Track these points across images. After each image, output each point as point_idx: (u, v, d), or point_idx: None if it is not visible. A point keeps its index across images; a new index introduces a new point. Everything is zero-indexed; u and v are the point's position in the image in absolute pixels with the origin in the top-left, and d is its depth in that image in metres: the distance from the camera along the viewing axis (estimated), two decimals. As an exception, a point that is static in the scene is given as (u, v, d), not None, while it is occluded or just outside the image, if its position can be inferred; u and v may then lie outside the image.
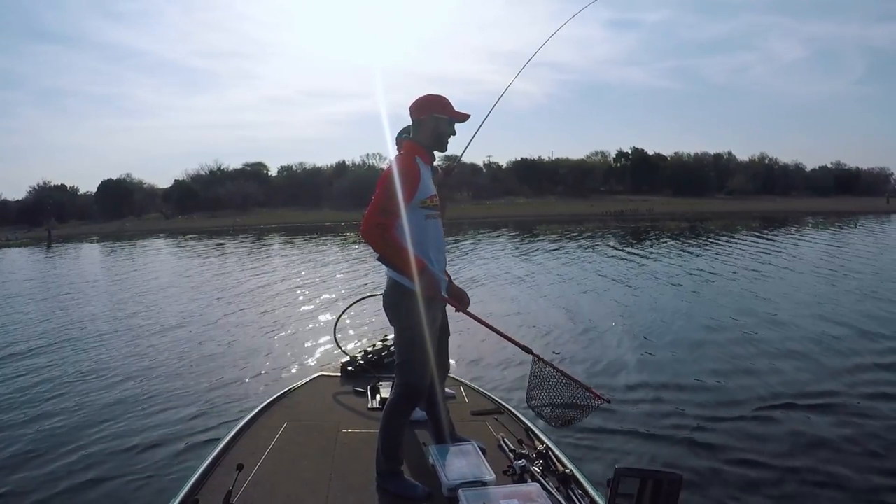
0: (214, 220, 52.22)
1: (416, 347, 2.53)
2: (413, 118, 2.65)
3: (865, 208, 45.96)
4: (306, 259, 19.27)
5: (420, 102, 2.63)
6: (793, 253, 17.37)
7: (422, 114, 2.61)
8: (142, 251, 26.11)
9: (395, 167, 2.50)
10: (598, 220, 37.75)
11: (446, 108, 2.63)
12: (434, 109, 2.61)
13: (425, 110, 2.61)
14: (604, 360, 6.52)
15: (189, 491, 2.49)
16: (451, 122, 2.66)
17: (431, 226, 2.58)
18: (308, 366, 6.47)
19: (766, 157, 71.29)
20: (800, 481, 3.80)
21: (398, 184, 2.45)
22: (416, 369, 2.54)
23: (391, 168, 2.52)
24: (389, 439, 2.59)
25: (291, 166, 69.56)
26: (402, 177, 2.47)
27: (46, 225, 44.76)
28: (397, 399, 2.61)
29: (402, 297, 2.52)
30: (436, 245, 2.61)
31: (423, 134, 2.63)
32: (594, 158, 71.65)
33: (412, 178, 2.49)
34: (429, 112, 2.61)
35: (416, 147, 2.61)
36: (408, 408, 2.61)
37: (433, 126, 2.61)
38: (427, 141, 2.63)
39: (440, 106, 2.62)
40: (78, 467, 4.18)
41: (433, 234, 2.60)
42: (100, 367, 6.74)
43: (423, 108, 2.62)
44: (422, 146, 2.62)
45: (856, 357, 6.43)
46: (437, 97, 2.65)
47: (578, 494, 2.38)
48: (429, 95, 2.65)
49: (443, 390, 2.90)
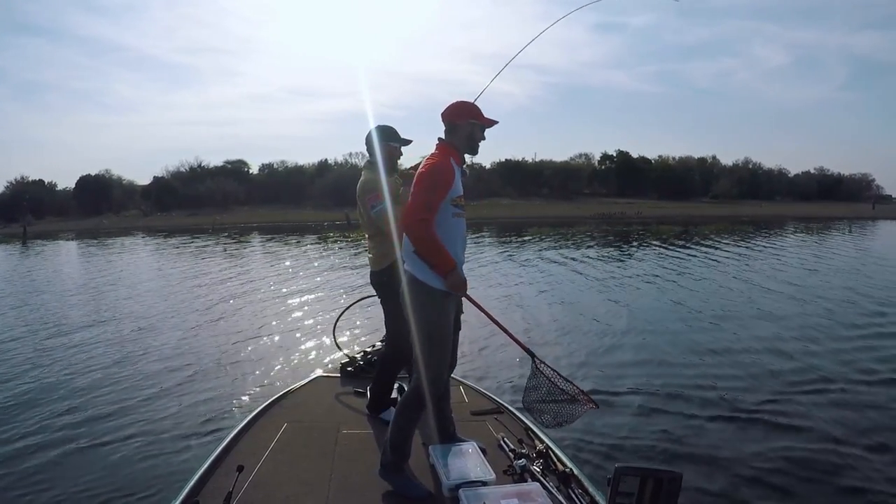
0: (194, 217, 51.32)
1: (434, 344, 2.61)
2: (447, 122, 2.79)
3: (852, 214, 46.63)
4: (296, 259, 19.08)
5: (457, 108, 2.79)
6: (802, 255, 17.92)
7: (459, 119, 2.77)
8: (122, 250, 25.59)
9: (433, 166, 2.63)
10: (588, 223, 37.84)
11: (480, 116, 2.80)
12: (470, 116, 2.78)
13: (463, 116, 2.77)
14: (607, 361, 6.66)
15: (189, 492, 2.50)
16: (483, 127, 2.83)
17: (458, 224, 2.71)
18: (307, 367, 6.46)
19: (751, 162, 72.05)
20: (801, 477, 3.89)
21: (437, 183, 2.59)
22: (432, 365, 2.62)
23: (429, 167, 2.64)
24: (400, 431, 2.66)
25: (273, 164, 68.51)
26: (440, 175, 2.61)
27: (22, 221, 43.56)
28: (411, 395, 2.68)
29: (422, 293, 2.62)
30: (461, 243, 2.74)
31: (458, 137, 2.78)
32: (578, 161, 71.92)
33: (448, 177, 2.63)
34: (466, 118, 2.77)
35: (451, 149, 2.76)
36: (421, 403, 2.68)
37: (469, 131, 2.78)
38: (462, 144, 2.78)
39: (476, 112, 2.80)
40: (77, 469, 4.14)
41: (459, 231, 2.72)
42: (96, 369, 6.65)
43: (461, 114, 2.78)
44: (456, 149, 2.77)
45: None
46: (472, 105, 2.83)
47: (578, 493, 2.42)
48: (465, 102, 2.84)
49: (447, 386, 2.95)
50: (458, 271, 2.62)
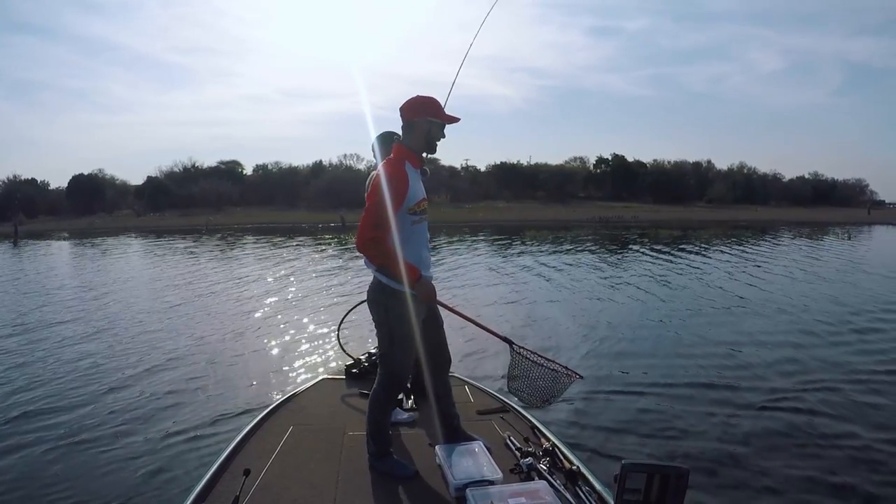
0: (187, 218, 51.03)
1: (395, 342, 2.67)
2: (405, 120, 2.64)
3: (849, 219, 46.76)
4: (294, 261, 19.01)
5: (414, 104, 2.62)
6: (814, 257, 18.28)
7: (415, 116, 2.61)
8: (116, 251, 25.43)
9: (383, 176, 2.54)
10: (586, 227, 37.84)
11: (438, 112, 2.64)
12: (428, 112, 2.62)
13: (420, 112, 2.61)
14: (615, 358, 6.75)
15: (196, 497, 2.49)
16: (442, 125, 2.67)
17: (418, 230, 2.67)
18: (312, 369, 6.46)
19: (746, 166, 72.27)
20: (808, 475, 3.91)
21: (387, 194, 2.49)
22: (394, 361, 2.70)
23: (380, 177, 2.55)
24: (375, 423, 2.78)
25: (267, 165, 68.31)
26: (391, 185, 2.51)
27: (14, 220, 43.20)
28: (378, 388, 2.76)
29: (385, 295, 2.66)
30: (423, 248, 2.72)
31: (414, 137, 2.64)
32: (573, 164, 72.05)
33: (401, 187, 2.54)
34: (423, 115, 2.61)
35: (407, 151, 2.63)
36: (389, 396, 2.78)
37: (426, 129, 2.62)
38: (418, 144, 2.64)
39: (434, 109, 2.64)
40: (81, 474, 4.12)
41: (421, 237, 2.69)
42: (99, 374, 6.60)
43: (418, 110, 2.61)
44: (412, 150, 2.64)
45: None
46: (431, 99, 2.65)
47: (586, 491, 2.43)
48: (422, 97, 2.65)
49: (445, 383, 2.98)
50: (424, 280, 2.58)
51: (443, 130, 2.67)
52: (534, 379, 2.69)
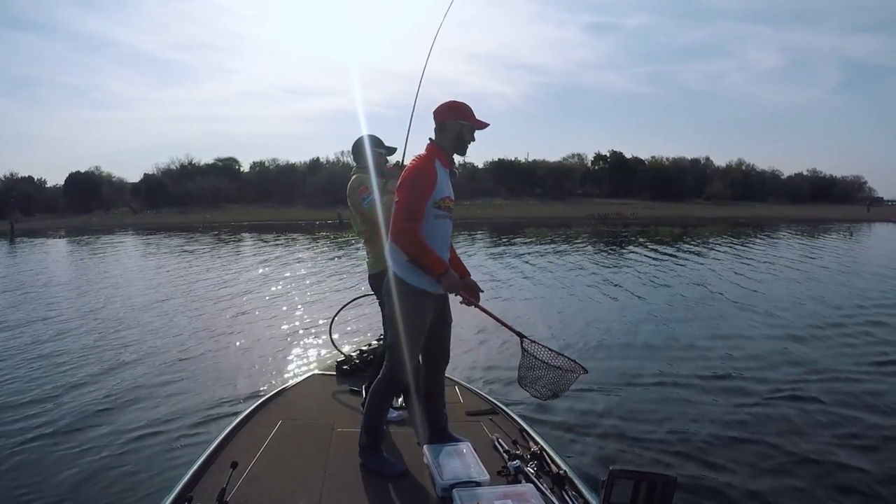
0: (184, 215, 51.00)
1: (404, 336, 2.69)
2: (437, 122, 2.76)
3: (848, 217, 46.80)
4: (289, 258, 19.01)
5: (447, 107, 2.75)
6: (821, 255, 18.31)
7: (448, 118, 2.74)
8: (112, 248, 25.40)
9: (414, 170, 2.64)
10: (585, 224, 37.81)
11: (470, 117, 2.76)
12: (460, 116, 2.74)
13: (452, 116, 2.74)
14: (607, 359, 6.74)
15: (183, 488, 2.50)
16: (472, 129, 2.79)
17: (440, 225, 2.73)
18: (303, 364, 6.46)
19: (744, 164, 72.52)
20: (796, 485, 3.85)
21: (417, 187, 2.59)
22: (400, 357, 2.72)
23: (410, 171, 2.65)
24: (372, 416, 2.80)
25: (264, 162, 68.34)
26: (420, 180, 2.61)
27: (10, 218, 43.06)
28: (381, 380, 2.79)
29: (403, 293, 2.68)
30: (444, 243, 2.77)
31: (446, 138, 2.75)
32: (571, 161, 72.08)
33: (428, 181, 2.63)
34: (455, 118, 2.73)
35: (438, 150, 2.74)
36: (390, 389, 2.80)
37: (457, 132, 2.75)
38: (448, 145, 2.76)
39: (465, 113, 2.76)
40: (70, 465, 4.12)
41: (442, 232, 2.75)
42: (88, 367, 6.60)
43: (451, 113, 2.74)
44: (443, 150, 2.75)
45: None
46: (463, 104, 2.78)
47: (572, 496, 2.41)
48: (455, 102, 2.79)
49: (440, 381, 2.99)
50: (451, 273, 2.66)
51: (473, 133, 2.80)
52: (544, 372, 2.72)
